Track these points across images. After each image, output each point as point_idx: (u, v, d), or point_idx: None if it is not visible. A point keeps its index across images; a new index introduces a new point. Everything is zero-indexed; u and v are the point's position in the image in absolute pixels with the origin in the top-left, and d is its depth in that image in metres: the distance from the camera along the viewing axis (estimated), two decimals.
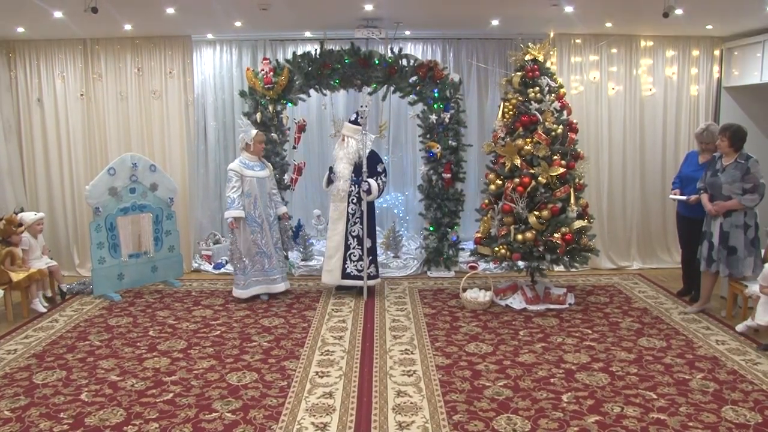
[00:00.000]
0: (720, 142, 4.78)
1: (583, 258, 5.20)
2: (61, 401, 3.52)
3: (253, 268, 5.45)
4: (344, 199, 5.46)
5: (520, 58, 5.45)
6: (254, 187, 5.39)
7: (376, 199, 5.54)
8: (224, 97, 7.18)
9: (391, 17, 5.76)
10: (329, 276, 5.56)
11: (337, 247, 5.51)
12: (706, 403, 3.43)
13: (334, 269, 5.53)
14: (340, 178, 5.45)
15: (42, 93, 6.42)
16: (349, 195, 5.45)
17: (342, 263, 5.51)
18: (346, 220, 5.48)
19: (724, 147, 4.75)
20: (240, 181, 5.34)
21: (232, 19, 5.65)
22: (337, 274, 5.52)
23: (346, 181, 5.43)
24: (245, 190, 5.37)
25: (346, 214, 5.48)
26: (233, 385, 3.74)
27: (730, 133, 4.71)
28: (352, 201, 5.46)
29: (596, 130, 6.55)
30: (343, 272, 5.52)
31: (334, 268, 5.53)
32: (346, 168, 5.44)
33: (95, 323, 4.94)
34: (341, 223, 5.50)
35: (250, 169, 5.42)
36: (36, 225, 5.48)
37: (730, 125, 4.80)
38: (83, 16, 4.74)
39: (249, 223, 5.39)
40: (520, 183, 5.08)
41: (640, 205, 6.73)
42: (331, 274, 5.55)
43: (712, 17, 5.64)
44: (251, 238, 5.41)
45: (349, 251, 5.51)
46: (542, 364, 4.03)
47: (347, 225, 5.49)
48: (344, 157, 5.46)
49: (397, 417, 3.33)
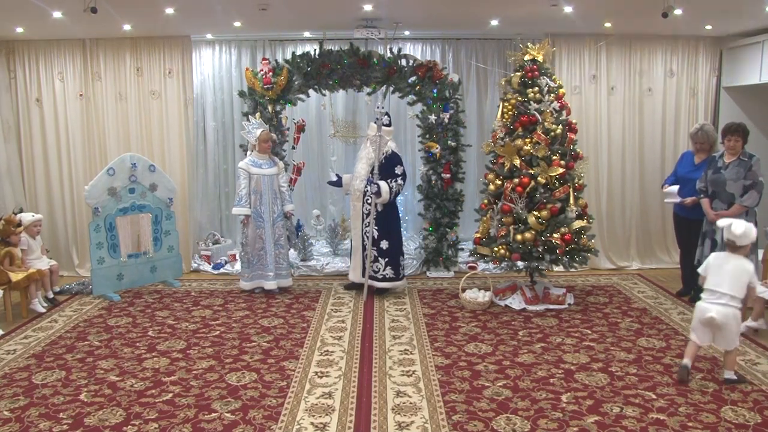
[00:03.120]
0: (734, 143, 4.73)
1: (582, 258, 5.20)
2: (61, 401, 3.52)
3: (258, 263, 5.61)
4: (360, 199, 5.49)
5: (519, 58, 5.45)
6: (261, 185, 5.53)
7: (386, 202, 5.42)
8: (223, 98, 7.19)
9: (391, 17, 5.76)
10: (353, 274, 5.67)
11: (357, 246, 5.57)
12: (706, 404, 3.43)
13: (356, 267, 5.62)
14: (357, 177, 5.49)
15: (41, 93, 6.41)
16: (364, 195, 5.47)
17: (362, 263, 5.55)
18: (361, 219, 5.50)
19: (739, 147, 4.74)
20: (248, 179, 5.51)
21: (231, 19, 5.65)
22: (359, 272, 5.60)
23: (362, 180, 5.44)
24: (252, 187, 5.53)
25: (361, 214, 5.50)
26: (232, 385, 3.74)
27: (743, 133, 4.73)
28: (367, 201, 5.47)
29: (595, 130, 6.56)
30: (364, 271, 5.55)
31: (356, 266, 5.62)
32: (363, 168, 5.46)
33: (94, 323, 4.94)
34: (358, 222, 5.53)
35: (258, 166, 5.54)
36: (33, 226, 5.47)
37: (738, 125, 4.78)
38: (82, 16, 4.74)
39: (255, 219, 5.55)
40: (519, 183, 5.08)
41: (640, 205, 6.73)
42: (355, 272, 5.65)
43: (712, 17, 5.64)
44: (257, 233, 5.57)
45: (365, 251, 5.51)
46: (541, 364, 4.03)
47: (362, 225, 5.50)
48: (365, 156, 5.49)
49: (396, 417, 3.33)
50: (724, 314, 3.58)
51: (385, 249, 5.48)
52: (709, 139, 5.27)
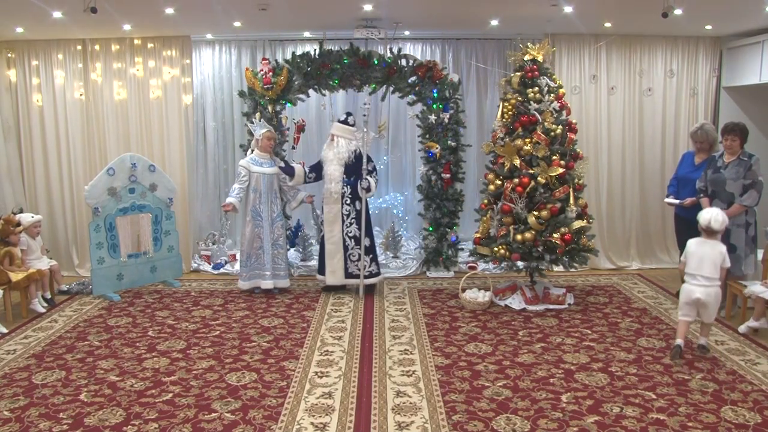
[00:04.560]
0: (731, 142, 4.75)
1: (582, 258, 5.20)
2: (61, 401, 3.52)
3: (256, 262, 5.62)
4: (338, 201, 5.50)
5: (519, 58, 5.45)
6: (260, 183, 5.56)
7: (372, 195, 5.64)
8: (223, 98, 7.18)
9: (391, 17, 5.75)
10: (333, 277, 5.61)
11: (336, 249, 5.55)
12: (706, 404, 3.43)
13: (337, 269, 5.58)
14: (331, 181, 5.48)
15: (41, 93, 6.41)
16: (342, 196, 5.48)
17: (344, 263, 5.56)
18: (341, 221, 5.51)
19: (737, 146, 4.74)
20: (247, 176, 5.54)
21: (231, 19, 5.64)
22: (341, 274, 5.59)
23: (337, 183, 5.46)
24: (252, 185, 5.57)
25: (341, 215, 5.50)
26: (232, 385, 3.74)
27: (741, 132, 4.74)
28: (346, 202, 5.50)
29: (595, 130, 6.56)
30: (346, 272, 5.58)
31: (336, 268, 5.58)
32: (337, 170, 5.48)
33: (94, 323, 4.94)
34: (337, 225, 5.54)
35: (258, 165, 5.57)
36: (33, 227, 5.47)
37: (735, 124, 4.78)
38: (82, 16, 4.74)
39: (254, 218, 5.58)
40: (519, 183, 5.08)
41: (640, 205, 6.73)
42: (335, 275, 5.60)
43: (712, 17, 5.64)
44: (256, 232, 5.58)
45: (348, 252, 5.55)
46: (541, 364, 4.03)
47: (343, 226, 5.52)
48: (334, 158, 5.49)
49: (396, 417, 3.33)
50: (707, 294, 4.01)
51: (368, 246, 5.57)
52: (708, 138, 5.26)
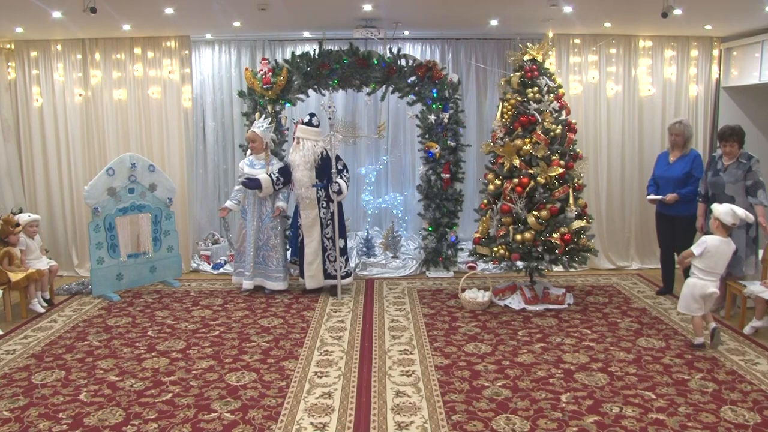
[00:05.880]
0: (730, 148, 4.77)
1: (581, 258, 5.20)
2: (60, 401, 3.52)
3: (240, 259, 5.75)
4: (314, 206, 5.48)
5: (518, 58, 5.45)
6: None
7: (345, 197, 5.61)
8: (223, 98, 7.18)
9: (390, 17, 5.76)
10: (312, 281, 5.59)
11: (315, 253, 5.54)
12: (705, 404, 3.43)
13: (316, 273, 5.57)
14: (300, 186, 5.43)
15: (41, 93, 6.41)
16: (318, 201, 5.48)
17: (323, 266, 5.57)
18: (320, 225, 5.51)
19: (735, 151, 4.76)
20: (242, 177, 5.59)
21: (230, 19, 5.64)
22: (320, 277, 5.59)
23: (308, 188, 5.44)
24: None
25: (318, 220, 5.50)
26: (232, 385, 3.74)
27: (738, 136, 4.74)
28: (322, 206, 5.50)
29: (595, 130, 6.56)
30: (325, 273, 5.60)
31: (315, 272, 5.57)
32: (305, 174, 5.41)
33: (94, 323, 4.94)
34: (316, 230, 5.52)
35: (251, 166, 5.61)
36: (30, 227, 5.46)
37: (732, 130, 4.77)
38: (82, 16, 4.74)
39: (242, 217, 5.68)
40: (518, 183, 5.08)
41: (639, 205, 6.72)
42: (314, 279, 5.59)
43: (711, 17, 5.65)
44: (243, 232, 5.67)
45: (326, 253, 5.56)
46: (541, 364, 4.03)
47: (322, 230, 5.52)
48: (301, 162, 5.40)
49: (396, 417, 3.33)
50: (717, 287, 4.25)
51: (342, 247, 5.59)
52: (684, 133, 5.32)
